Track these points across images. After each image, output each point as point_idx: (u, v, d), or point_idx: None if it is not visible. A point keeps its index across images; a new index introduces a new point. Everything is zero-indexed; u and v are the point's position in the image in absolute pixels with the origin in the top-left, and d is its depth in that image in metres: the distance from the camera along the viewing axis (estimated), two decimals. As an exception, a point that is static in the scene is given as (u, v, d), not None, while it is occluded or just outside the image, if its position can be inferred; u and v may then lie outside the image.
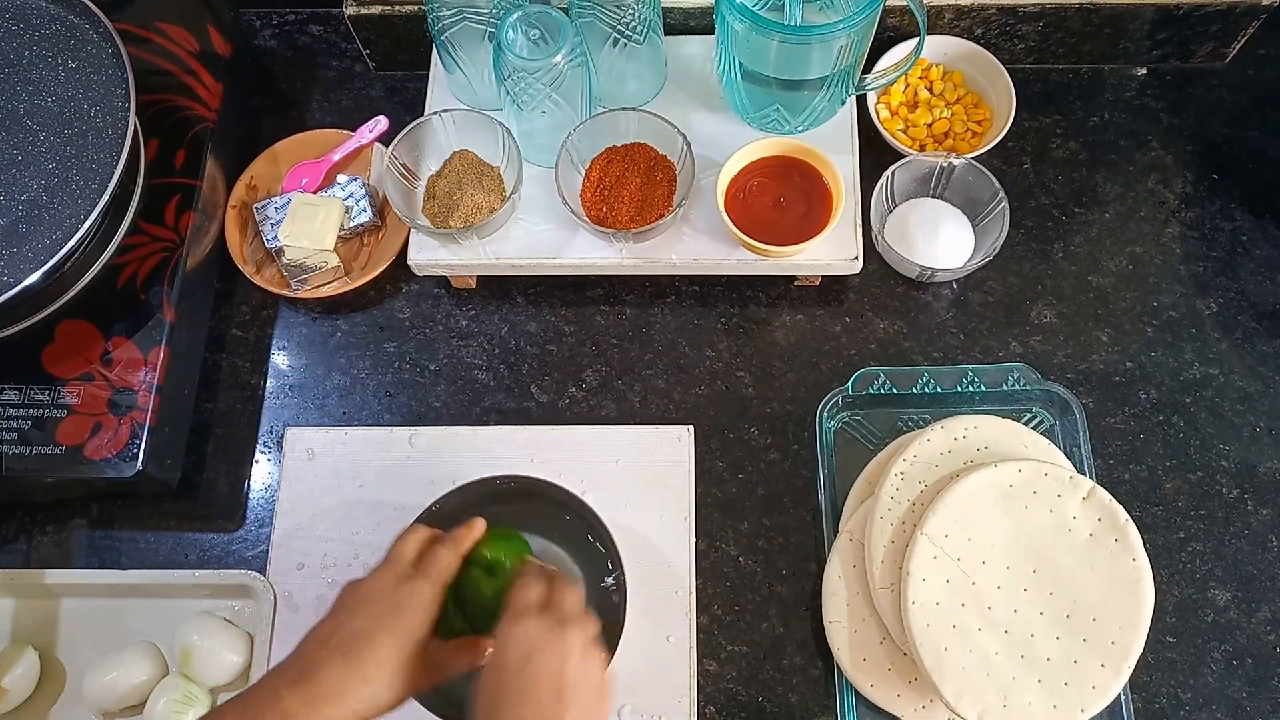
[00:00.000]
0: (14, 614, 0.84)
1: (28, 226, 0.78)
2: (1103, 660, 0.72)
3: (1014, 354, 0.89)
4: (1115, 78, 0.99)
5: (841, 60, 0.81)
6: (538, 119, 0.85)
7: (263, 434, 0.90)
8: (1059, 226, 0.94)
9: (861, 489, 0.83)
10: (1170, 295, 0.91)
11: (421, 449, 0.87)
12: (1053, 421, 0.86)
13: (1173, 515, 0.84)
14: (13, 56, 0.83)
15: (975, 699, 0.72)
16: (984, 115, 0.95)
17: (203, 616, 0.81)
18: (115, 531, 0.87)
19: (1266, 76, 0.99)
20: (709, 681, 0.80)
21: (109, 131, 0.80)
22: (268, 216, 0.92)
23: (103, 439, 0.81)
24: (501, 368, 0.91)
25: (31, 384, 0.82)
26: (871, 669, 0.77)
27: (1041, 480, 0.76)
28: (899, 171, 0.90)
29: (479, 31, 0.85)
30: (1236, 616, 0.81)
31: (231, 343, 0.93)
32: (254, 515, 0.87)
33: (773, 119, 0.89)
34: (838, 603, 0.79)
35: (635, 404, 0.89)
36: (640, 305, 0.92)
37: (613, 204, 0.86)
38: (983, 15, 0.94)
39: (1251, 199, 0.94)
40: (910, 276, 0.91)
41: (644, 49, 0.87)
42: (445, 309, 0.93)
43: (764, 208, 0.85)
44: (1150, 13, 0.93)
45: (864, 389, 0.85)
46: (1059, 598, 0.74)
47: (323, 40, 1.04)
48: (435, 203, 0.88)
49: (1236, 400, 0.87)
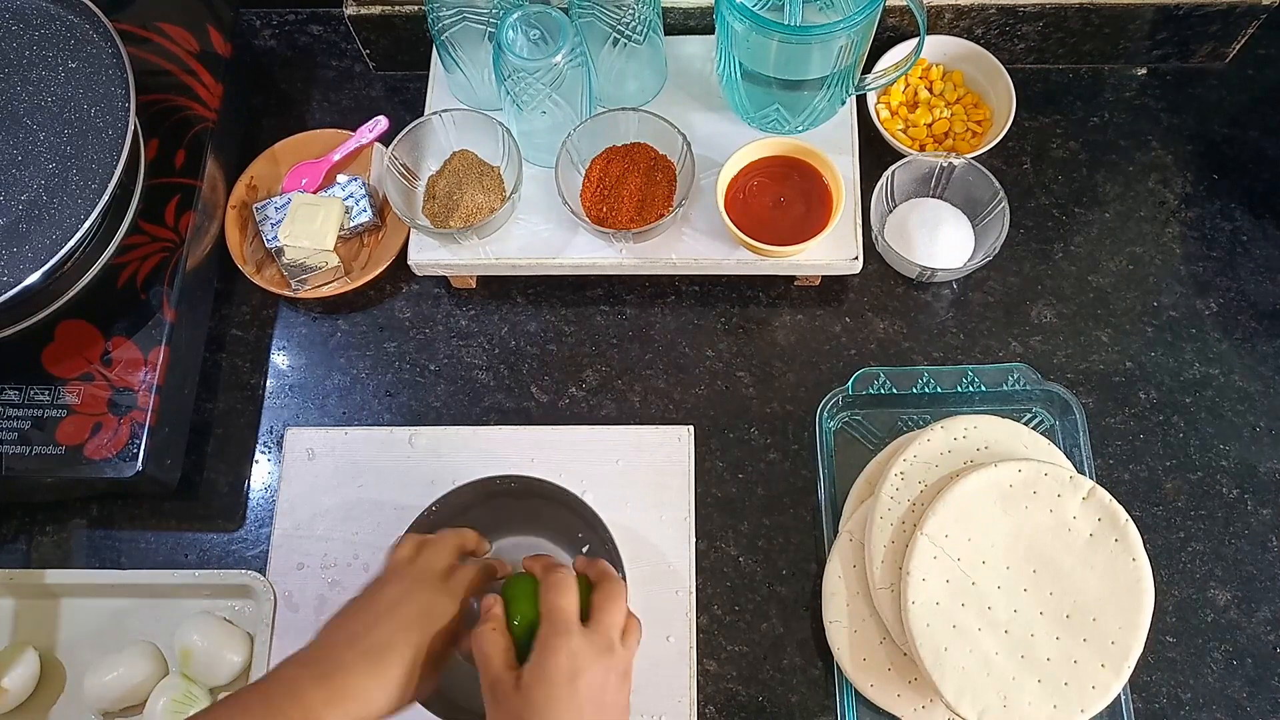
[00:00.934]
0: (14, 614, 0.84)
1: (28, 226, 0.78)
2: (1103, 660, 0.72)
3: (1014, 354, 0.89)
4: (1115, 78, 0.99)
5: (841, 60, 0.81)
6: (538, 119, 0.85)
7: (263, 434, 0.90)
8: (1059, 226, 0.94)
9: (861, 489, 0.83)
10: (1170, 295, 0.91)
11: (421, 449, 0.87)
12: (1053, 421, 0.86)
13: (1173, 515, 0.84)
14: (13, 56, 0.83)
15: (975, 699, 0.72)
16: (984, 115, 0.95)
17: (203, 616, 0.81)
18: (115, 531, 0.87)
19: (1266, 76, 0.99)
20: (709, 681, 0.80)
21: (109, 131, 0.80)
22: (268, 216, 0.92)
23: (103, 439, 0.81)
24: (501, 368, 0.91)
25: (31, 384, 0.82)
26: (871, 669, 0.77)
27: (1041, 480, 0.76)
28: (899, 171, 0.90)
29: (479, 31, 0.85)
30: (1236, 616, 0.81)
31: (231, 343, 0.93)
32: (254, 515, 0.87)
33: (773, 119, 0.89)
34: (838, 603, 0.79)
35: (635, 404, 0.89)
36: (640, 305, 0.92)
37: (613, 204, 0.86)
38: (983, 15, 0.94)
39: (1251, 199, 0.94)
40: (910, 276, 0.91)
41: (644, 49, 0.87)
42: (445, 309, 0.93)
43: (764, 208, 0.85)
44: (1150, 13, 0.93)
45: (864, 389, 0.85)
46: (1059, 598, 0.74)
47: (323, 40, 1.04)
48: (435, 203, 0.88)
49: (1236, 400, 0.87)
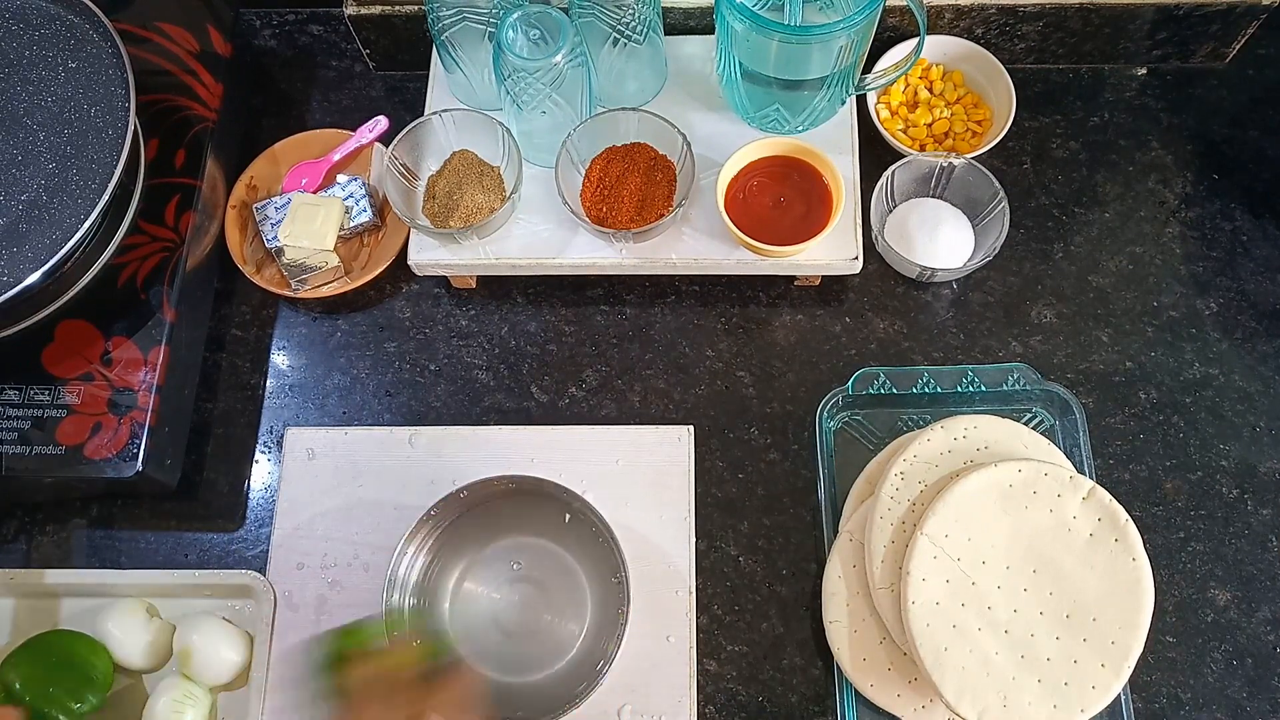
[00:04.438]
0: (14, 614, 0.84)
1: (28, 226, 0.78)
2: (1103, 660, 0.72)
3: (1014, 354, 0.89)
4: (1115, 78, 0.99)
5: (841, 60, 0.81)
6: (538, 119, 0.85)
7: (263, 434, 0.90)
8: (1059, 226, 0.94)
9: (861, 489, 0.83)
10: (1170, 295, 0.91)
11: (421, 449, 0.87)
12: (1053, 421, 0.86)
13: (1173, 515, 0.84)
14: (13, 56, 0.83)
15: (975, 699, 0.72)
16: (984, 115, 0.95)
17: (202, 616, 0.81)
18: (115, 531, 0.87)
19: (1266, 76, 0.99)
20: (709, 681, 0.80)
21: (109, 131, 0.80)
22: (268, 216, 0.92)
23: (103, 439, 0.81)
24: (501, 368, 0.91)
25: (31, 384, 0.82)
26: (871, 669, 0.77)
27: (1041, 480, 0.76)
28: (899, 171, 0.90)
29: (479, 31, 0.85)
30: (1236, 616, 0.81)
31: (231, 343, 0.93)
32: (254, 515, 0.87)
33: (773, 119, 0.89)
34: (838, 603, 0.79)
35: (635, 404, 0.89)
36: (640, 305, 0.92)
37: (613, 204, 0.86)
38: (983, 15, 0.94)
39: (1251, 199, 0.94)
40: (910, 276, 0.91)
41: (644, 49, 0.87)
42: (445, 309, 0.93)
43: (764, 208, 0.85)
44: (1150, 13, 0.93)
45: (864, 389, 0.85)
46: (1059, 598, 0.74)
47: (323, 40, 1.04)
48: (435, 203, 0.88)
49: (1236, 400, 0.87)
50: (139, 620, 0.80)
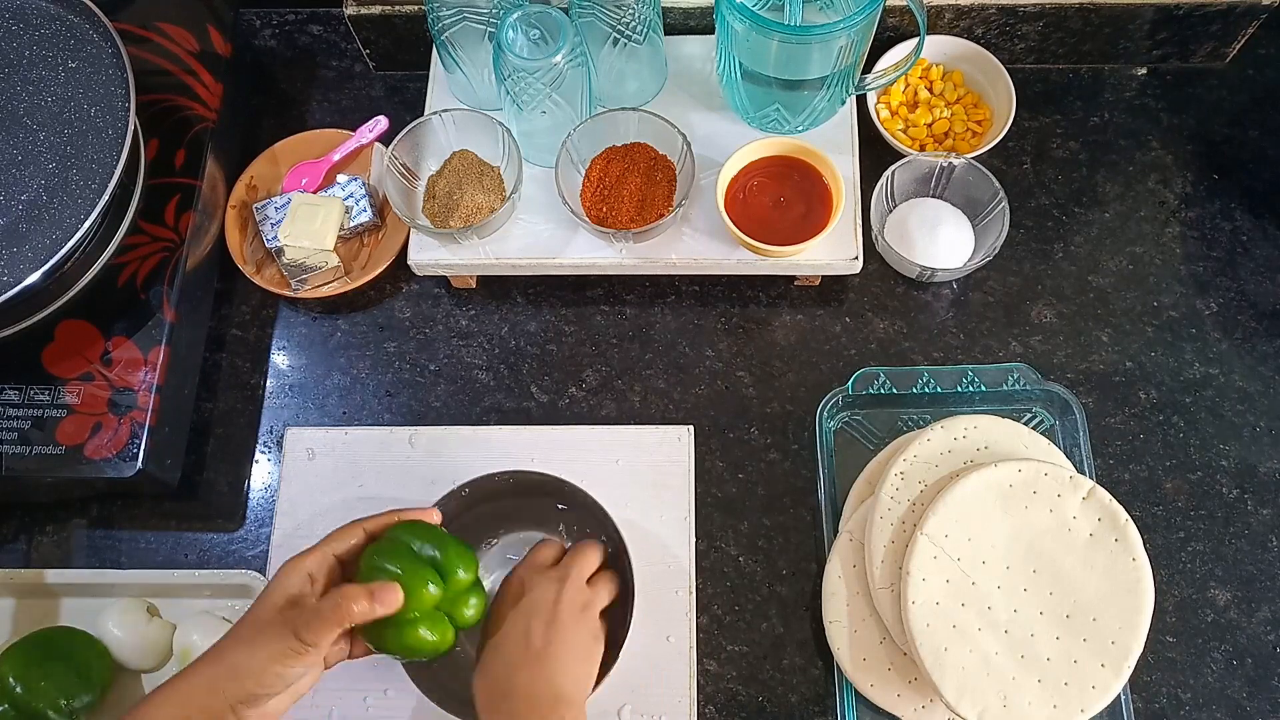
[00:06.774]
0: (14, 614, 0.84)
1: (28, 226, 0.78)
2: (1103, 660, 0.72)
3: (1014, 354, 0.89)
4: (1115, 78, 0.99)
5: (841, 60, 0.81)
6: (538, 119, 0.85)
7: (263, 434, 0.90)
8: (1059, 226, 0.94)
9: (861, 489, 0.83)
10: (1170, 295, 0.91)
11: (421, 449, 0.87)
12: (1053, 421, 0.86)
13: (1173, 515, 0.84)
14: (13, 56, 0.83)
15: (975, 699, 0.72)
16: (984, 115, 0.95)
17: (203, 616, 0.81)
18: (115, 531, 0.87)
19: (1266, 76, 0.99)
20: (709, 681, 0.80)
21: (109, 131, 0.80)
22: (268, 216, 0.92)
23: (103, 439, 0.81)
24: (501, 368, 0.91)
25: (31, 384, 0.82)
26: (871, 669, 0.77)
27: (1041, 480, 0.76)
28: (899, 171, 0.90)
29: (479, 31, 0.85)
30: (1236, 616, 0.81)
31: (231, 343, 0.93)
32: (254, 515, 0.87)
33: (773, 119, 0.89)
34: (838, 603, 0.79)
35: (635, 404, 0.89)
36: (640, 305, 0.92)
37: (613, 204, 0.86)
38: (983, 15, 0.94)
39: (1251, 199, 0.94)
40: (910, 276, 0.91)
41: (644, 49, 0.87)
42: (445, 309, 0.93)
43: (764, 208, 0.85)
44: (1150, 13, 0.93)
45: (864, 389, 0.85)
46: (1059, 598, 0.74)
47: (323, 40, 1.04)
48: (435, 203, 0.88)
49: (1236, 400, 0.87)
50: (139, 620, 0.80)
